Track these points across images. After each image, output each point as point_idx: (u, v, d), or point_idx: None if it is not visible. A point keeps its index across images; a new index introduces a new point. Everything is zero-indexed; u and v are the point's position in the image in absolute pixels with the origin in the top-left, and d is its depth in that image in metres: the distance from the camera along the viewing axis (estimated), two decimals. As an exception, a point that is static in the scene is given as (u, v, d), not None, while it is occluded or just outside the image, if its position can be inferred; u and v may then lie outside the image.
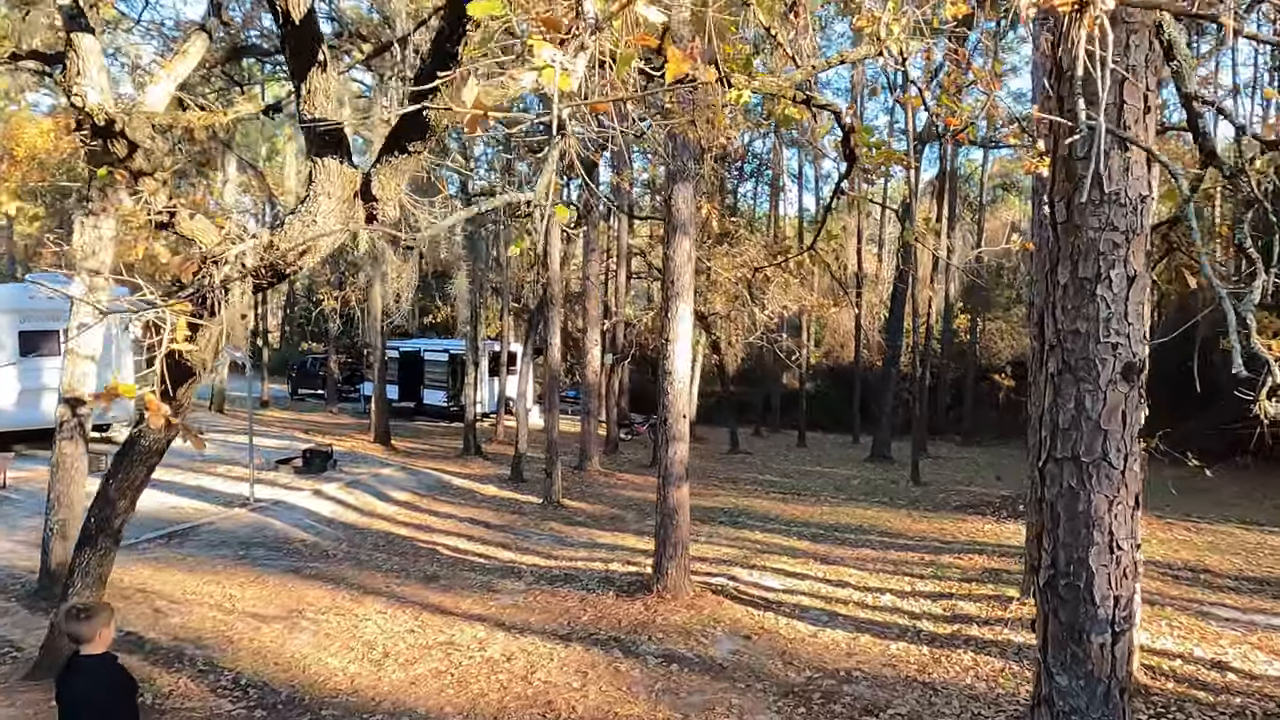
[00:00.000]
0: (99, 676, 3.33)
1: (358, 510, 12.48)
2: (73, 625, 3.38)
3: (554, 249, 13.15)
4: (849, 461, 22.99)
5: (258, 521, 11.29)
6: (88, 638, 3.33)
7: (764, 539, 11.67)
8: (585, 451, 17.63)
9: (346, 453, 17.52)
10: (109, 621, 3.43)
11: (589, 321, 17.53)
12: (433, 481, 15.13)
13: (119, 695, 3.40)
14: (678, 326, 7.95)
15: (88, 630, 3.32)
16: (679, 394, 8.04)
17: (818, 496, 15.87)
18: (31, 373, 15.55)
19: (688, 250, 7.89)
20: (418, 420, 30.60)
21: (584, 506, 13.82)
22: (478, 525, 12.12)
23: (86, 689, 3.33)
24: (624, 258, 23.06)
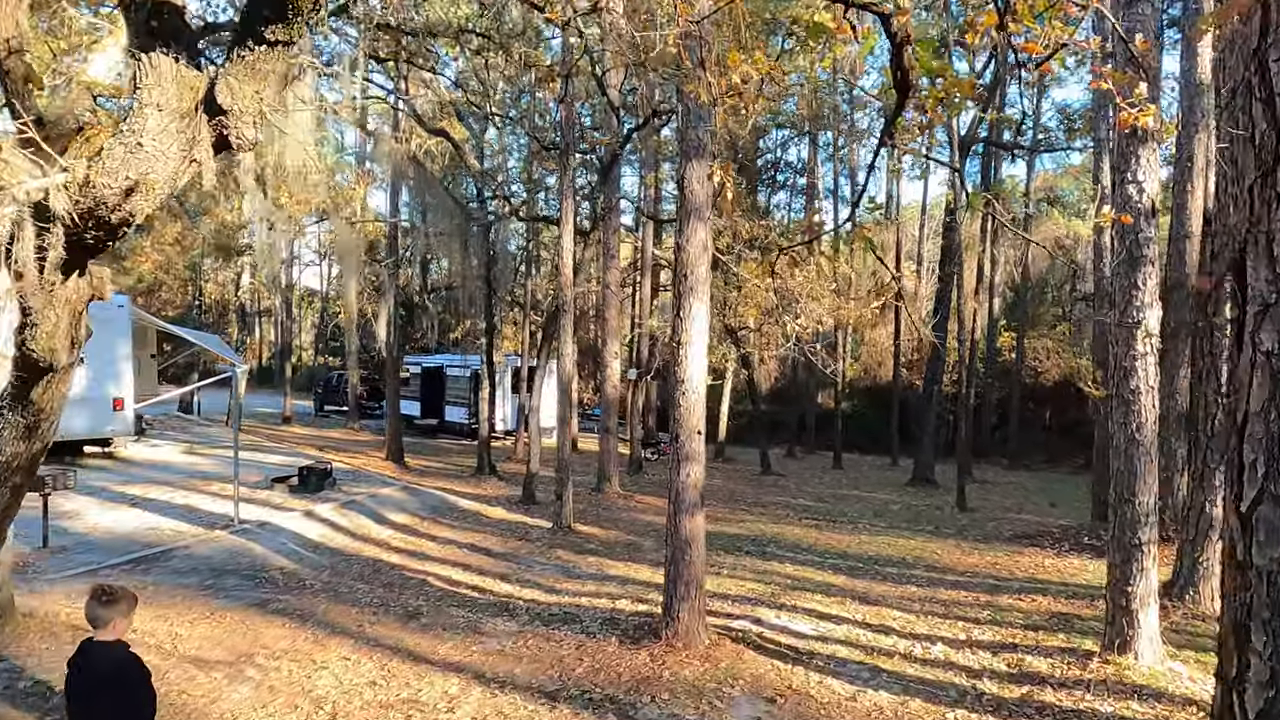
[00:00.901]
0: (106, 664, 3.26)
1: (349, 534, 11.46)
2: (92, 606, 3.29)
3: (567, 252, 12.12)
4: (888, 485, 21.54)
5: (237, 546, 10.31)
6: (103, 622, 3.26)
7: (795, 573, 10.40)
8: (604, 471, 16.49)
9: (354, 471, 16.60)
10: (128, 612, 3.36)
11: (609, 333, 16.46)
12: (437, 502, 14.08)
13: (126, 685, 3.31)
14: (692, 328, 6.81)
15: (105, 614, 3.26)
16: (693, 406, 6.87)
17: (855, 524, 14.52)
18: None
19: (703, 239, 6.75)
20: (440, 438, 29.75)
21: (597, 532, 12.66)
22: (477, 552, 11.01)
23: (93, 676, 3.26)
24: (648, 268, 21.99)
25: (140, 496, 12.83)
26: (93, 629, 3.33)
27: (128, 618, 3.38)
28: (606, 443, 16.45)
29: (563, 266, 12.20)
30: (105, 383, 15.61)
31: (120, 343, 15.83)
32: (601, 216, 14.17)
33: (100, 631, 3.29)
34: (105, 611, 3.28)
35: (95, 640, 3.29)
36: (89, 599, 3.36)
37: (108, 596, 3.33)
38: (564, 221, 12.05)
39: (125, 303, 16.13)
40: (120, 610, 3.32)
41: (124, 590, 3.49)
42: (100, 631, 3.29)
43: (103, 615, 3.28)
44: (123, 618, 3.34)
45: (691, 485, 6.90)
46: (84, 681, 3.30)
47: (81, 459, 16.21)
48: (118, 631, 3.32)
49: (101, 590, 3.38)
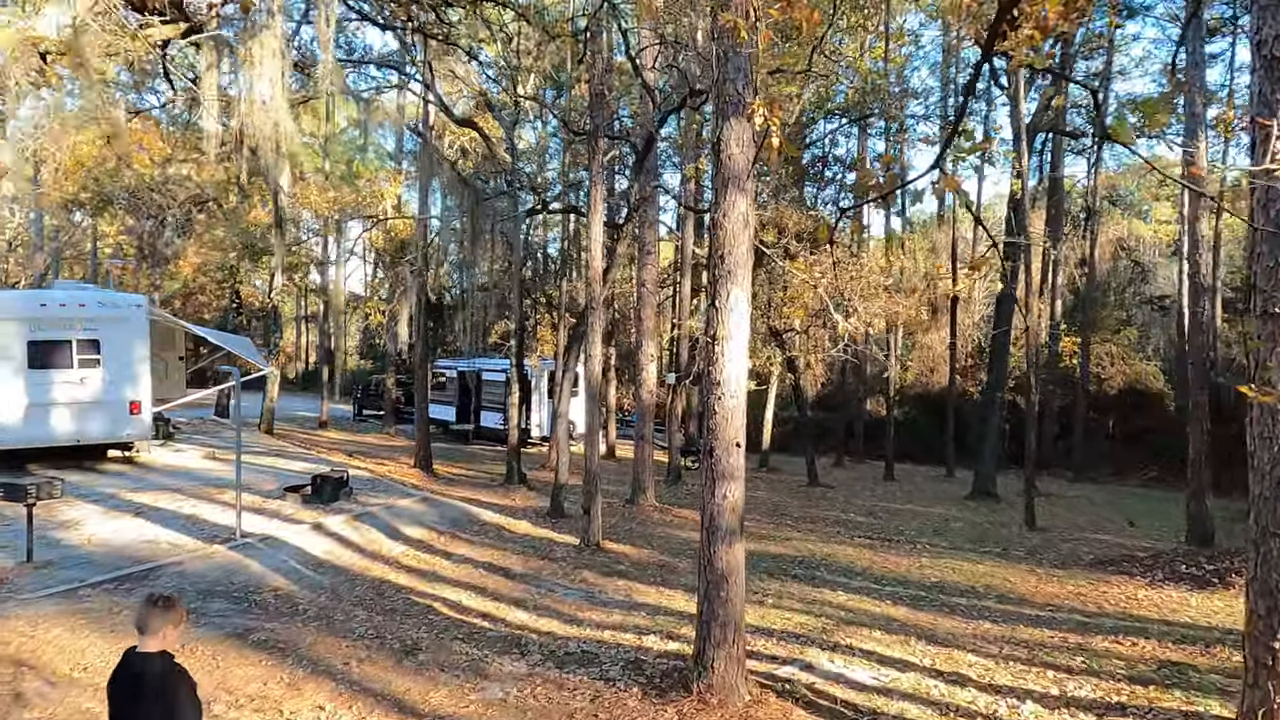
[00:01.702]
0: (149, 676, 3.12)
1: (357, 550, 10.55)
2: (144, 612, 3.18)
3: (595, 244, 11.08)
4: (946, 499, 20.05)
5: (233, 563, 9.46)
6: (150, 630, 3.14)
7: (849, 602, 9.18)
8: (638, 482, 15.39)
9: (374, 479, 15.78)
10: (178, 623, 3.26)
11: (644, 334, 15.39)
12: (458, 515, 13.14)
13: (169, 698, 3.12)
14: (730, 319, 5.69)
15: (154, 622, 3.14)
16: (731, 413, 5.74)
17: (914, 544, 13.19)
18: (41, 386, 14.33)
19: (743, 213, 5.62)
20: (475, 444, 29.00)
21: (628, 551, 11.56)
22: (494, 573, 10.00)
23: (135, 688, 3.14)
24: (688, 267, 20.85)
25: (147, 505, 12.14)
26: (139, 636, 3.16)
27: (177, 629, 3.25)
28: (641, 451, 15.36)
29: (591, 260, 11.16)
30: (122, 385, 15.04)
31: (137, 344, 15.26)
32: (636, 208, 13.11)
33: (145, 640, 3.14)
34: (154, 618, 3.14)
35: (138, 651, 3.14)
36: (142, 603, 3.25)
37: (164, 603, 3.23)
38: (592, 210, 11.01)
39: (143, 302, 15.58)
40: (171, 619, 3.20)
41: (177, 600, 3.34)
42: (145, 640, 3.14)
43: (153, 623, 3.13)
44: (172, 627, 3.21)
45: (729, 509, 5.77)
46: (125, 695, 3.15)
47: (101, 463, 15.71)
48: (164, 642, 3.17)
49: (156, 597, 3.28)
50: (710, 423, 5.73)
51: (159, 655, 3.17)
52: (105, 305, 15.16)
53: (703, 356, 5.81)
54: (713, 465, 5.76)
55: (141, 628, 3.18)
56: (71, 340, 14.67)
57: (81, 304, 14.87)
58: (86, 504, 12.19)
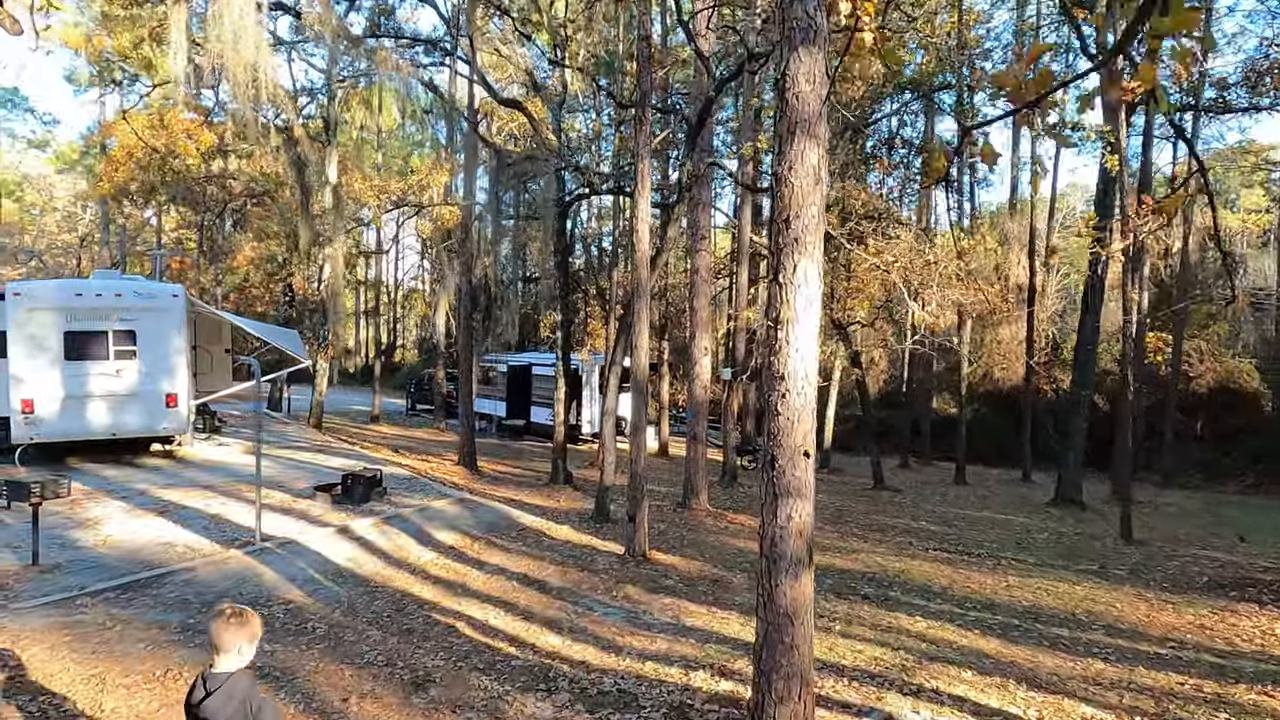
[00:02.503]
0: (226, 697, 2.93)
1: (383, 557, 9.73)
2: (219, 628, 3.00)
3: (642, 222, 10.03)
4: (1025, 506, 18.46)
5: (247, 570, 8.73)
6: (223, 647, 2.97)
7: (930, 631, 7.97)
8: (690, 485, 14.33)
9: (412, 478, 15.06)
10: (253, 638, 3.07)
11: (698, 326, 14.28)
12: (496, 518, 12.26)
13: None
14: (797, 298, 4.58)
15: (228, 638, 2.98)
16: (798, 413, 4.63)
17: (996, 559, 11.83)
18: (77, 378, 13.99)
19: (814, 165, 4.50)
20: (525, 440, 28.33)
21: (677, 562, 10.51)
22: (529, 586, 9.06)
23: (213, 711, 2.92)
24: (745, 254, 19.63)
25: (174, 503, 11.59)
26: (215, 653, 3.01)
27: (252, 644, 3.09)
28: (694, 450, 14.28)
29: (638, 243, 10.12)
30: (158, 377, 14.61)
31: (174, 335, 14.81)
32: (688, 187, 12.01)
33: (221, 658, 2.99)
34: (229, 633, 2.99)
35: (214, 670, 3.00)
36: (216, 619, 3.06)
37: (237, 617, 3.06)
38: (640, 186, 9.97)
39: (180, 292, 15.12)
40: (247, 634, 3.05)
41: (252, 614, 3.16)
42: (221, 658, 2.99)
43: (226, 638, 2.98)
44: (248, 643, 3.06)
45: (794, 532, 4.66)
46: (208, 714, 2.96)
47: (141, 457, 15.37)
48: (241, 658, 3.03)
49: (230, 610, 3.09)
50: (772, 425, 4.64)
51: (240, 674, 2.99)
52: (142, 295, 14.76)
53: (763, 346, 4.70)
54: (774, 478, 4.66)
55: (217, 645, 2.99)
56: (108, 331, 14.29)
57: (118, 294, 14.48)
58: (114, 500, 11.71)
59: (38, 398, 13.67)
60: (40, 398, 13.68)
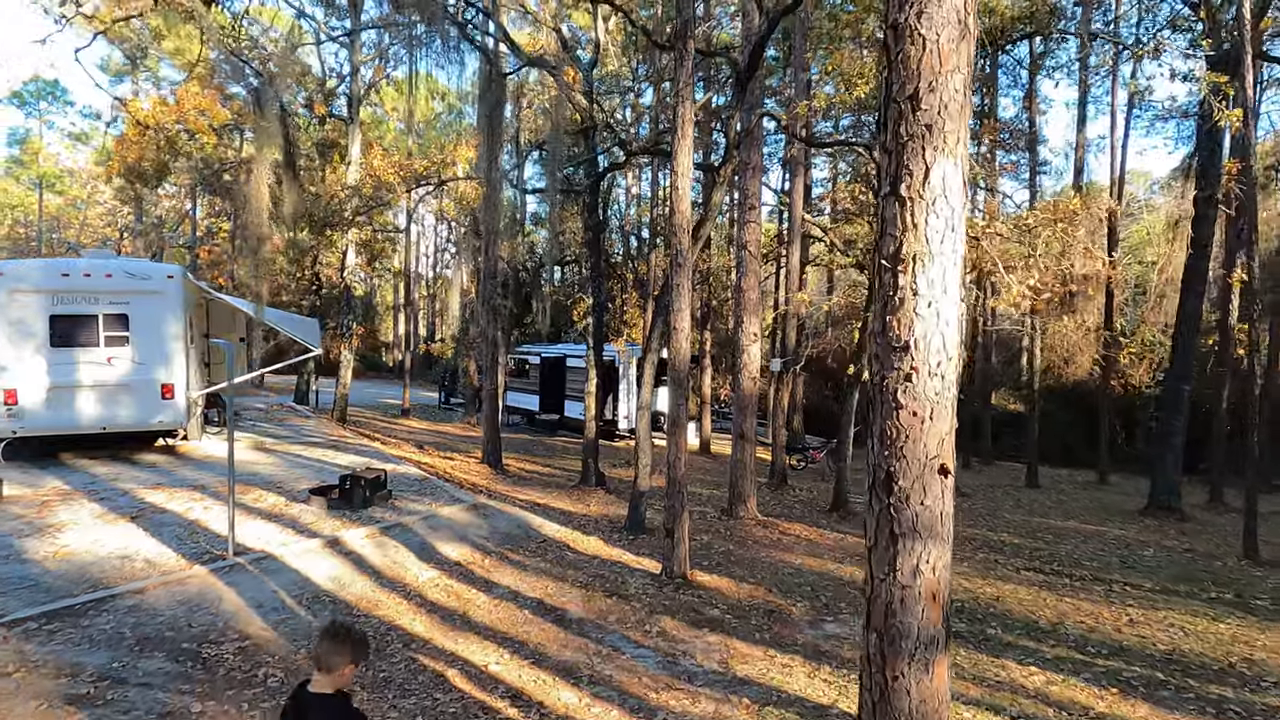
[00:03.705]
0: None
1: (374, 577, 8.22)
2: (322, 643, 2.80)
3: (683, 180, 8.33)
4: (1113, 513, 16.38)
5: (207, 593, 7.27)
6: (326, 667, 2.76)
7: (1051, 689, 6.18)
8: (737, 490, 12.61)
9: (430, 478, 13.59)
10: (360, 660, 2.84)
11: (745, 309, 12.54)
12: (514, 527, 10.69)
13: None
14: (930, 222, 2.86)
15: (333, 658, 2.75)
16: (932, 406, 2.90)
17: (1104, 581, 9.92)
18: (63, 367, 12.80)
19: (957, 7, 2.80)
20: (559, 435, 26.84)
21: (723, 585, 8.82)
22: (544, 617, 7.46)
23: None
24: (797, 232, 17.76)
25: (155, 506, 10.25)
26: (315, 672, 2.79)
27: (357, 666, 2.84)
28: (742, 451, 12.56)
29: (677, 203, 8.44)
30: (153, 366, 13.34)
31: (171, 320, 13.52)
32: (736, 145, 10.25)
33: (320, 678, 2.76)
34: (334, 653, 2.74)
35: (312, 690, 2.79)
36: (322, 634, 2.82)
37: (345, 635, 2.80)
38: (679, 135, 8.29)
39: (178, 273, 13.82)
40: (352, 655, 2.78)
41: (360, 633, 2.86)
42: (320, 678, 2.76)
43: (331, 658, 2.73)
44: (352, 666, 2.80)
45: (925, 594, 2.95)
46: None
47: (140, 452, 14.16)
48: (340, 680, 2.78)
49: (336, 626, 2.82)
50: (887, 425, 2.94)
51: (334, 697, 2.75)
52: (135, 276, 13.49)
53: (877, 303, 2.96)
54: (892, 509, 2.96)
55: (319, 663, 2.76)
56: (97, 315, 13.07)
57: (108, 274, 13.23)
58: (90, 502, 10.42)
59: (21, 388, 12.50)
60: (24, 388, 12.51)
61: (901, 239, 2.86)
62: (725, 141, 10.31)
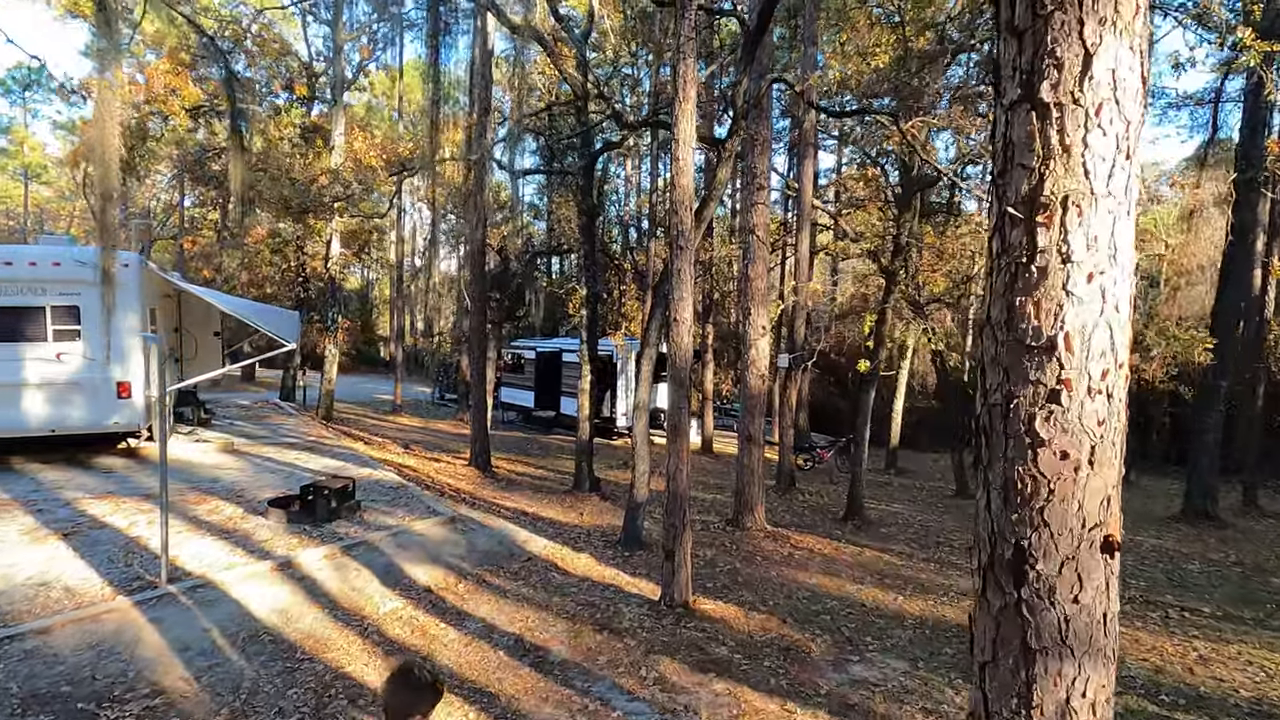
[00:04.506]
0: None
1: (330, 606, 7.12)
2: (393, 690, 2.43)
3: (685, 148, 7.20)
4: (1144, 520, 15.28)
5: (126, 631, 6.18)
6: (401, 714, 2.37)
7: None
8: (743, 498, 11.51)
9: (408, 484, 12.50)
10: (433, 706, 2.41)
11: (752, 299, 11.42)
12: (496, 544, 9.58)
13: None
14: (1092, 147, 1.77)
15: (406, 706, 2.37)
16: (1092, 443, 1.79)
17: (1156, 605, 8.83)
18: (9, 363, 11.72)
19: None
20: (555, 433, 25.75)
21: (730, 614, 7.71)
22: (523, 659, 6.36)
23: None
24: (806, 219, 16.60)
25: (95, 520, 9.17)
26: None
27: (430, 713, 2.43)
28: (749, 455, 11.46)
29: (678, 176, 7.32)
30: (108, 363, 12.27)
31: (127, 312, 12.42)
32: (744, 115, 9.10)
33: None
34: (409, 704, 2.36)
35: None
36: (390, 679, 2.49)
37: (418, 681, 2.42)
38: (680, 100, 7.17)
39: (134, 261, 12.70)
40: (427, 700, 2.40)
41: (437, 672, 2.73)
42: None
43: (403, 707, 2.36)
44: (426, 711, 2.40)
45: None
46: None
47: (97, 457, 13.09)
48: None
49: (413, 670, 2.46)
50: (1015, 476, 1.81)
51: None
52: (86, 265, 12.36)
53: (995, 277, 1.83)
54: (1025, 608, 1.84)
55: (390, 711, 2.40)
56: (45, 307, 11.97)
57: (55, 262, 12.12)
58: (24, 515, 9.35)
59: (-41, 386, 11.45)
60: (-37, 386, 11.46)
61: (1041, 171, 1.78)
62: (732, 112, 9.16)
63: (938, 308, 17.86)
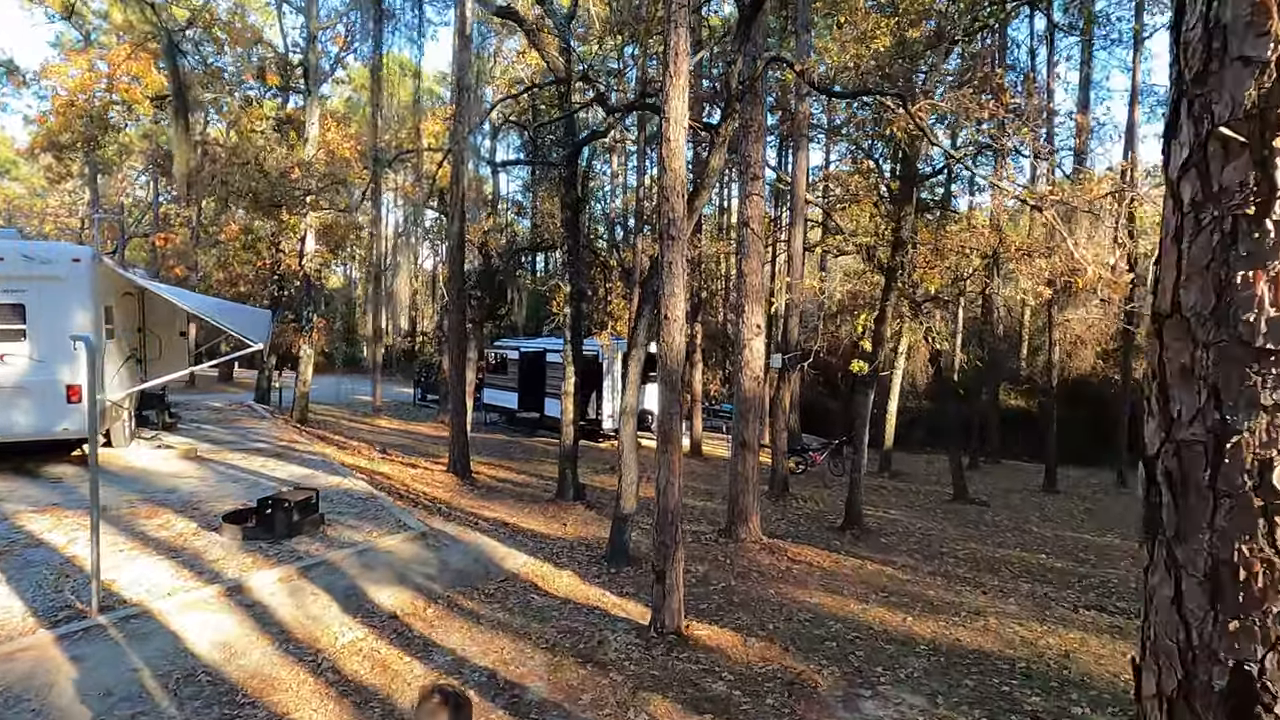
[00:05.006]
0: None
1: (281, 638, 6.37)
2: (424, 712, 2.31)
3: (676, 127, 6.51)
4: (1152, 525, 14.72)
5: (40, 672, 5.41)
6: None
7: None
8: (737, 507, 10.83)
9: (379, 494, 11.74)
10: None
11: (746, 294, 10.74)
12: (470, 561, 8.85)
13: None
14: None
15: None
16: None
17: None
18: (-36, 364, 10.92)
19: None
20: (539, 436, 25.02)
21: (727, 642, 7.02)
22: (495, 699, 5.65)
23: None
24: (800, 212, 15.95)
25: (29, 537, 8.38)
26: None
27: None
28: (744, 462, 10.78)
29: (669, 159, 6.63)
30: (56, 365, 11.43)
31: (77, 310, 11.58)
32: (739, 96, 8.41)
33: None
34: None
35: None
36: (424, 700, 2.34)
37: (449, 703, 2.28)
38: (671, 74, 6.48)
39: (86, 257, 11.86)
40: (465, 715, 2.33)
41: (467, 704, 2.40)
42: None
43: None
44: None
45: None
46: None
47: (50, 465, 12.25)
48: None
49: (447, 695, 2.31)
50: (1239, 570, 1.14)
51: None
52: (33, 260, 11.51)
53: (1189, 244, 1.13)
54: None
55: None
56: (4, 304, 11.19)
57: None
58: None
59: (-106, 391, 10.61)
60: (-103, 391, 10.62)
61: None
62: (725, 95, 8.47)
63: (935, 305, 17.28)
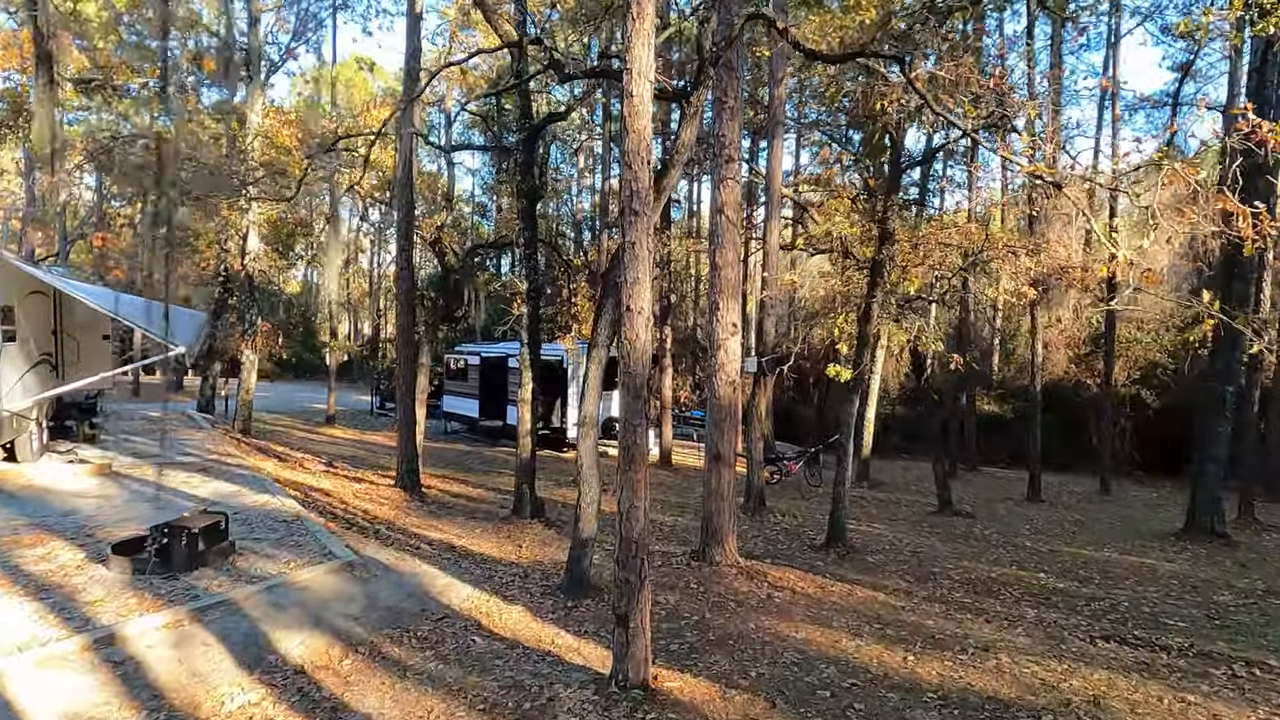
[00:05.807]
0: None
1: (153, 704, 5.12)
2: None
3: (641, 83, 5.43)
4: (1146, 537, 13.97)
5: None
6: None
7: None
8: (711, 527, 9.74)
9: (325, 511, 10.48)
10: None
11: (723, 291, 9.68)
12: (404, 596, 7.64)
13: None
14: None
15: None
16: None
17: (1211, 656, 7.27)
18: None
19: None
20: (501, 445, 23.77)
21: (702, 694, 5.90)
22: (412, 790, 4.49)
23: None
24: (777, 203, 14.94)
25: (-123, 574, 7.03)
26: None
27: None
28: (718, 478, 9.69)
29: (632, 119, 5.54)
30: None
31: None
32: (714, 61, 7.33)
33: None
34: None
35: None
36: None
37: None
38: (634, 18, 5.42)
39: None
40: None
41: None
42: None
43: None
44: None
45: None
46: None
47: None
48: None
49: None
50: None
51: None
52: (-90, 253, 10.19)
53: None
54: None
55: None
56: None
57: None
58: None
59: None
60: None
61: None
62: (699, 58, 7.41)
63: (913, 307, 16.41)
